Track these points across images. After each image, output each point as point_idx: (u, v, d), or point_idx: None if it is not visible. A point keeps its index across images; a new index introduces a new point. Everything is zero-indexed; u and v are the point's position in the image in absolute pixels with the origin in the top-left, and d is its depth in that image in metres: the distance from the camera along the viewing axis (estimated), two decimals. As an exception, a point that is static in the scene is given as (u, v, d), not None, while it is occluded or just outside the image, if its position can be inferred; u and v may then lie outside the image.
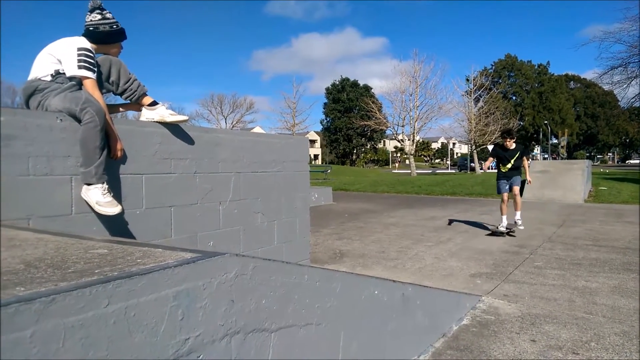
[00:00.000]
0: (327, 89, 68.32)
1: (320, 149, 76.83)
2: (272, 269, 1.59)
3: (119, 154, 2.53)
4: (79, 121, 2.33)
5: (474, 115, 35.34)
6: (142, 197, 2.74)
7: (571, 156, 61.39)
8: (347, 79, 67.48)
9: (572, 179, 13.56)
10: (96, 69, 2.56)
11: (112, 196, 2.41)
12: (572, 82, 73.18)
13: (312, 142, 71.53)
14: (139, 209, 2.72)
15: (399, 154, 72.38)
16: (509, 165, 6.92)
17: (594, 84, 52.15)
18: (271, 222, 3.80)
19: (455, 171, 42.48)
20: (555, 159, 51.93)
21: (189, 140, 3.05)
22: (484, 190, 15.00)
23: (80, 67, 2.45)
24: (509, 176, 6.99)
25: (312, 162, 65.07)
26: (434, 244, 6.39)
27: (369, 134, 64.79)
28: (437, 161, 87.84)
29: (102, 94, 2.63)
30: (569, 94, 68.91)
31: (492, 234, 7.04)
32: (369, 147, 72.19)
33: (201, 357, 1.26)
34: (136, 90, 2.83)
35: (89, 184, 2.34)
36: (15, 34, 75.57)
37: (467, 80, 39.31)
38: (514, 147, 6.96)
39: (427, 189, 16.77)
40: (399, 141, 36.64)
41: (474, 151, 36.04)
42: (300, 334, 1.70)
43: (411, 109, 32.56)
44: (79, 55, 2.45)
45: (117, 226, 2.55)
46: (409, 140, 33.69)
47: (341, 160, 68.29)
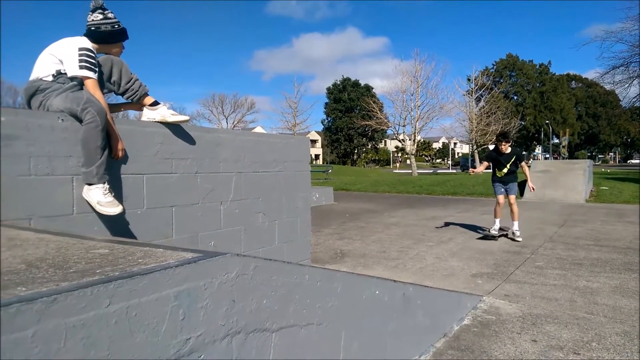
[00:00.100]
0: (328, 89, 68.35)
1: (321, 149, 76.86)
2: (273, 268, 1.59)
3: (120, 154, 2.54)
4: (80, 121, 2.33)
5: (475, 115, 35.34)
6: (144, 197, 2.74)
7: (572, 156, 61.30)
8: (348, 79, 67.46)
9: (573, 178, 13.55)
10: (97, 69, 2.57)
11: (114, 196, 2.41)
12: (573, 81, 73.07)
13: (313, 142, 71.53)
14: (140, 209, 2.72)
15: (400, 154, 72.32)
16: (505, 170, 6.66)
17: (596, 84, 52.00)
18: (272, 222, 3.81)
19: (457, 171, 42.40)
20: (556, 158, 51.87)
21: (190, 140, 3.06)
22: (485, 190, 14.95)
23: (81, 67, 2.45)
24: (505, 181, 6.74)
25: (313, 162, 65.05)
26: (435, 244, 6.39)
27: (370, 133, 64.76)
28: (438, 161, 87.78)
29: (104, 94, 2.64)
30: (571, 93, 68.80)
31: (484, 238, 6.72)
32: (370, 147, 72.17)
33: (202, 357, 1.26)
34: (137, 90, 2.83)
35: (90, 184, 2.34)
36: (15, 34, 75.73)
37: (469, 79, 39.35)
38: (509, 151, 6.67)
39: (428, 188, 16.76)
40: (400, 141, 36.65)
41: (475, 151, 36.02)
42: (301, 333, 1.70)
43: (412, 109, 32.56)
44: (81, 55, 2.46)
45: (118, 226, 2.55)
46: (410, 140, 33.68)
47: (342, 160, 68.28)
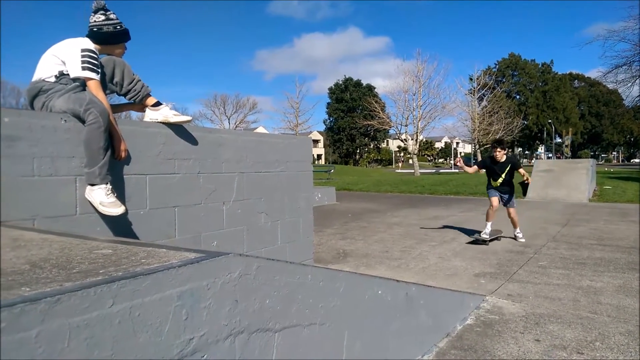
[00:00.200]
0: (330, 89, 68.38)
1: (323, 149, 76.88)
2: (275, 268, 1.59)
3: (123, 154, 2.54)
4: (83, 122, 2.34)
5: (478, 114, 35.29)
6: (146, 197, 2.75)
7: (575, 155, 61.04)
8: (350, 79, 67.46)
9: (576, 178, 13.51)
10: (100, 70, 2.57)
11: (116, 196, 2.41)
12: (576, 80, 72.92)
13: (315, 142, 71.57)
14: (143, 209, 2.72)
15: (402, 154, 72.24)
16: (500, 180, 6.23)
17: (598, 83, 51.84)
18: (275, 222, 3.81)
19: (460, 170, 42.26)
20: (559, 158, 51.76)
21: (193, 140, 3.06)
22: (488, 189, 14.93)
23: (84, 68, 2.46)
24: (502, 192, 6.32)
25: (316, 162, 65.09)
26: (437, 244, 6.38)
27: (372, 133, 64.71)
28: (440, 161, 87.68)
29: (106, 94, 2.64)
30: (573, 92, 68.64)
31: (474, 242, 6.22)
32: (372, 146, 72.16)
33: (205, 357, 1.27)
34: (140, 90, 2.84)
35: (92, 185, 2.35)
36: (15, 34, 75.98)
37: (471, 79, 39.31)
38: (504, 159, 6.22)
39: (431, 188, 16.74)
40: (402, 141, 36.65)
41: (478, 150, 35.93)
42: (304, 333, 1.70)
43: (414, 109, 32.56)
44: (83, 56, 2.46)
45: (121, 226, 2.55)
46: (412, 139, 33.67)
47: (344, 160, 68.27)
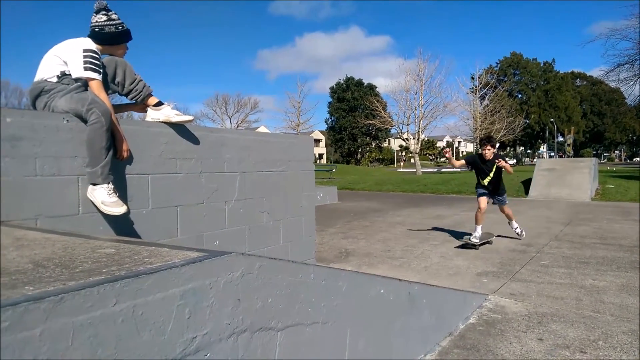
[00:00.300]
0: (331, 88, 68.28)
1: (325, 148, 76.85)
2: (278, 268, 1.59)
3: (125, 154, 2.55)
4: (85, 122, 2.35)
5: (480, 113, 35.20)
6: (148, 197, 2.75)
7: (578, 154, 60.89)
8: (352, 78, 67.34)
9: (579, 177, 13.49)
10: (102, 70, 2.58)
11: (118, 196, 2.42)
12: (578, 79, 72.67)
13: (317, 141, 71.57)
14: (145, 209, 2.73)
15: (404, 153, 72.16)
16: (488, 178, 6.05)
17: (601, 82, 51.56)
18: (277, 222, 3.81)
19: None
20: (561, 157, 51.61)
21: (195, 140, 3.06)
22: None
23: (86, 68, 2.47)
24: (491, 191, 6.14)
25: (317, 162, 65.10)
26: (439, 243, 6.37)
27: (373, 132, 64.69)
28: (442, 160, 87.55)
29: (108, 94, 2.65)
30: (575, 91, 68.42)
31: (463, 247, 5.94)
32: (373, 146, 72.02)
33: (208, 355, 1.27)
34: (142, 90, 2.84)
35: (94, 184, 2.35)
36: (18, 35, 76.17)
37: (472, 78, 39.16)
38: (492, 157, 5.98)
39: (433, 187, 16.73)
40: (404, 140, 36.58)
41: (480, 149, 35.83)
42: (306, 332, 1.70)
43: (416, 108, 32.42)
44: (85, 56, 2.47)
45: (123, 226, 2.56)
46: (414, 138, 33.62)
47: (346, 159, 68.22)
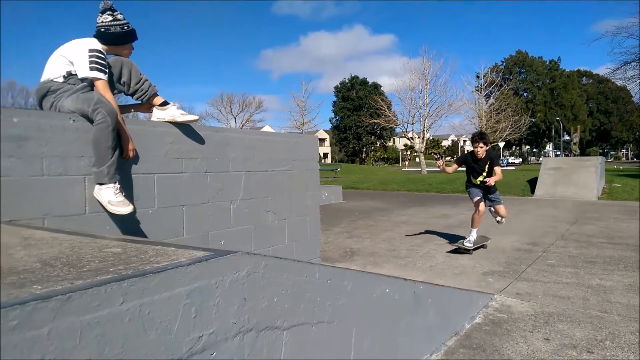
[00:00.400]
0: (336, 87, 68.23)
1: (329, 148, 76.81)
2: (283, 267, 1.60)
3: (131, 154, 2.56)
4: (91, 122, 2.36)
5: (485, 112, 35.00)
6: (154, 196, 2.76)
7: (584, 153, 60.51)
8: (357, 77, 67.25)
9: (585, 176, 13.41)
10: (107, 70, 2.59)
11: (125, 196, 2.43)
12: (584, 77, 72.23)
13: (322, 140, 71.50)
14: (151, 208, 2.74)
15: (408, 152, 71.99)
16: (480, 178, 5.69)
17: (607, 80, 51.35)
18: (282, 221, 3.81)
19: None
20: (567, 155, 51.34)
21: (200, 139, 3.07)
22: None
23: (91, 68, 2.48)
24: (484, 190, 5.77)
25: (322, 161, 65.05)
26: (444, 242, 6.36)
27: (378, 132, 64.54)
28: (447, 159, 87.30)
29: (114, 94, 2.66)
30: (581, 89, 68.00)
31: (455, 251, 5.69)
32: (378, 145, 71.90)
33: (214, 354, 1.27)
34: (147, 90, 2.85)
35: (101, 184, 2.36)
36: (24, 35, 76.61)
37: (478, 76, 38.99)
38: (484, 155, 5.59)
39: (438, 186, 16.68)
40: (408, 139, 36.44)
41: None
42: (312, 332, 1.70)
43: (421, 107, 32.31)
44: (91, 56, 2.48)
45: (129, 225, 2.57)
46: (418, 138, 33.49)
47: (351, 158, 68.16)
